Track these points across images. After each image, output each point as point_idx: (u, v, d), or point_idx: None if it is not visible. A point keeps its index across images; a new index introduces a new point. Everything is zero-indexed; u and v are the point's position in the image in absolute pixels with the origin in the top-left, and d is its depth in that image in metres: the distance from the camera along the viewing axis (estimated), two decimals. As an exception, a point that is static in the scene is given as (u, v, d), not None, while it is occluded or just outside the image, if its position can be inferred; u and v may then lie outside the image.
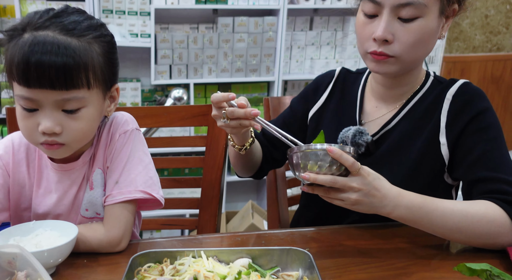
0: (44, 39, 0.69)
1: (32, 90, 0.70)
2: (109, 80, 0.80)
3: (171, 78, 2.43)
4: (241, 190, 2.83)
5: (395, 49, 0.82)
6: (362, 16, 0.86)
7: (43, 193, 0.86)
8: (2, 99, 2.27)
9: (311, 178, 0.73)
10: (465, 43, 3.03)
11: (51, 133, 0.74)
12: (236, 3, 2.41)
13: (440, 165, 0.90)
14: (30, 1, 2.19)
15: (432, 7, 0.81)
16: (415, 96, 0.93)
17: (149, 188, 0.84)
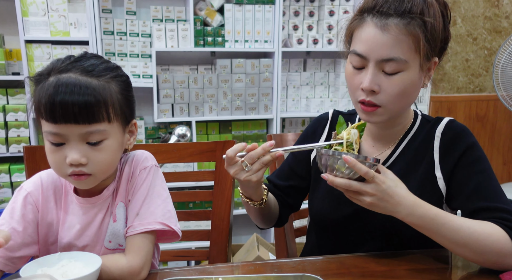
0: (67, 80, 0.76)
1: (59, 125, 0.77)
2: (127, 116, 0.87)
3: (174, 116, 2.51)
4: (245, 223, 2.84)
5: (381, 99, 0.88)
6: (350, 67, 0.91)
7: (69, 226, 0.90)
8: (9, 138, 2.32)
9: (329, 179, 0.84)
10: (450, 84, 3.20)
11: (78, 165, 0.79)
12: (233, 46, 2.53)
13: (438, 197, 0.95)
14: (35, 45, 2.28)
15: (413, 62, 0.86)
16: (407, 135, 0.99)
17: (167, 220, 0.88)
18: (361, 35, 0.88)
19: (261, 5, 2.52)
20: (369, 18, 0.87)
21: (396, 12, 0.84)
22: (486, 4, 3.13)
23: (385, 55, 0.85)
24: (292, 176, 1.11)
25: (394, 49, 0.84)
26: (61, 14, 2.30)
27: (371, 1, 0.88)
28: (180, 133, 2.06)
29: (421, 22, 0.85)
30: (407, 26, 0.84)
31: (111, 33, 2.46)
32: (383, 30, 0.84)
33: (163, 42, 2.45)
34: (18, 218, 0.86)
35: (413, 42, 0.84)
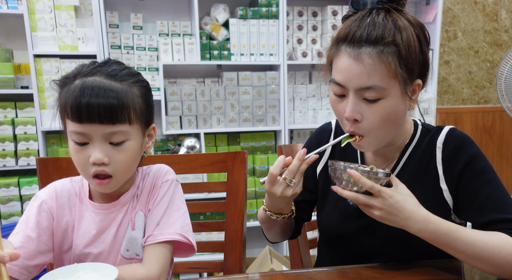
0: (92, 83, 0.80)
1: (83, 125, 0.79)
2: (147, 119, 0.89)
3: (182, 128, 2.51)
4: (257, 236, 2.81)
5: (365, 127, 0.87)
6: (333, 94, 0.91)
7: (84, 233, 0.90)
8: (18, 151, 2.33)
9: (337, 191, 0.85)
10: (454, 96, 3.22)
11: (100, 164, 0.82)
12: (239, 59, 2.56)
13: (445, 210, 0.94)
14: (44, 59, 2.30)
15: (392, 89, 0.85)
16: (408, 147, 0.98)
17: (186, 233, 0.89)
18: (338, 65, 0.87)
19: (265, 19, 2.56)
20: (343, 47, 0.86)
21: (367, 41, 0.83)
22: (485, 18, 3.18)
23: (363, 84, 0.84)
24: (303, 191, 1.11)
25: (371, 77, 0.83)
26: (69, 29, 2.33)
27: (344, 30, 0.87)
28: (189, 145, 2.06)
29: (395, 49, 0.83)
30: (380, 54, 0.83)
31: (118, 47, 2.49)
32: (357, 60, 0.84)
33: (169, 56, 2.48)
34: (33, 225, 0.87)
35: (387, 70, 0.83)
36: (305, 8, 2.73)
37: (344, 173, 0.84)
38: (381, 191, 0.82)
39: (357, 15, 0.87)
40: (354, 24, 0.86)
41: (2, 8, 2.27)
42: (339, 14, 2.71)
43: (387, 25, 0.84)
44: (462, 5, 3.11)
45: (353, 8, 0.90)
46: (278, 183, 0.89)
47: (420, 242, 0.88)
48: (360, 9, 0.89)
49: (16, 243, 0.84)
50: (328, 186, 1.04)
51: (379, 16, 0.85)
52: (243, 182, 1.25)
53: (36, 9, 2.27)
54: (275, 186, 0.89)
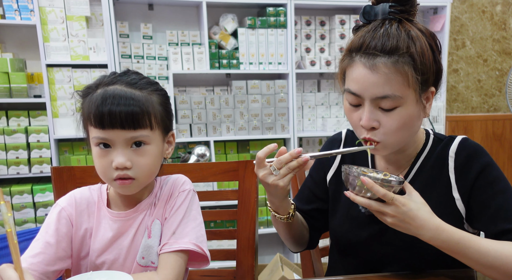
0: (114, 91, 0.83)
1: (106, 131, 0.82)
2: (166, 126, 0.91)
3: (192, 136, 2.53)
4: (268, 243, 2.82)
5: (381, 135, 0.88)
6: (347, 104, 0.91)
7: (100, 239, 0.91)
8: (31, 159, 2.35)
9: (350, 197, 0.85)
10: (464, 104, 3.22)
11: (123, 168, 0.84)
12: (248, 68, 2.58)
13: (458, 218, 0.94)
14: (56, 69, 2.34)
15: (408, 97, 0.85)
16: (420, 155, 0.98)
17: (200, 243, 0.90)
18: (353, 75, 0.87)
19: (273, 29, 2.58)
20: (357, 58, 0.87)
21: (382, 51, 0.84)
22: (494, 27, 3.18)
23: (379, 93, 0.85)
24: (313, 199, 1.11)
25: (386, 87, 0.84)
26: (81, 39, 2.37)
27: (357, 41, 0.87)
28: (200, 153, 2.08)
29: (409, 58, 0.84)
30: (395, 64, 0.83)
31: (129, 57, 2.52)
32: (372, 70, 0.84)
33: (179, 65, 2.50)
34: (52, 232, 0.88)
35: (403, 79, 0.84)
36: (312, 18, 2.75)
37: (357, 179, 0.84)
38: (394, 199, 0.82)
39: (370, 26, 0.88)
40: (368, 35, 0.86)
41: (16, 19, 2.31)
42: (347, 23, 2.73)
43: (401, 36, 0.85)
44: (470, 14, 3.12)
45: (364, 19, 0.91)
46: (264, 167, 0.88)
47: (433, 251, 0.87)
48: (371, 19, 0.90)
49: (36, 249, 0.86)
50: (339, 193, 1.05)
51: (392, 26, 0.86)
52: (254, 190, 1.25)
53: (48, 20, 2.31)
54: (260, 169, 0.89)
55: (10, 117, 2.34)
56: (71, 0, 2.33)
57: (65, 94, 2.36)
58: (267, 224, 2.67)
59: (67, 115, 2.36)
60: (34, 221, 2.34)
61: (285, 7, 2.57)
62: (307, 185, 1.14)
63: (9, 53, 2.37)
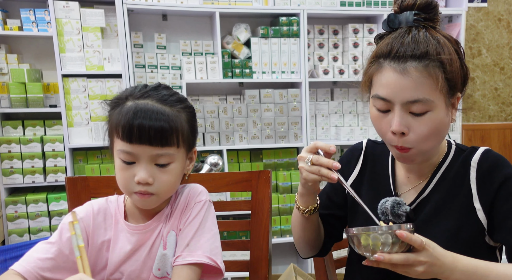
0: (145, 106, 0.83)
1: (133, 145, 0.82)
2: (191, 143, 0.92)
3: (205, 145, 2.54)
4: (281, 253, 2.79)
5: (412, 140, 0.87)
6: (375, 110, 0.90)
7: (118, 253, 0.91)
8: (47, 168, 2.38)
9: (385, 259, 0.78)
10: (481, 113, 3.16)
11: (145, 184, 0.84)
12: (261, 77, 2.58)
13: (479, 229, 0.92)
14: (72, 79, 2.37)
15: (439, 100, 0.85)
16: (442, 165, 0.97)
17: (215, 256, 0.89)
18: (382, 80, 0.87)
19: (286, 38, 2.58)
20: (386, 63, 0.87)
21: (413, 56, 0.84)
22: (510, 35, 3.13)
23: (410, 98, 0.84)
24: (330, 205, 1.10)
25: (418, 91, 0.84)
26: (96, 49, 2.40)
27: (385, 47, 0.88)
28: (213, 162, 2.07)
29: (439, 63, 0.85)
30: (426, 68, 0.84)
31: (143, 67, 2.54)
32: (403, 74, 0.84)
33: (192, 74, 2.52)
34: (66, 240, 0.88)
35: (434, 82, 0.84)
36: (325, 26, 2.75)
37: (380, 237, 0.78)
38: (426, 244, 0.79)
39: (397, 33, 0.88)
40: (395, 41, 0.87)
41: (33, 31, 2.36)
42: (360, 32, 2.72)
43: (430, 41, 0.85)
44: (486, 22, 3.09)
45: (388, 27, 0.91)
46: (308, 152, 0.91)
47: None
48: (395, 28, 0.90)
49: (49, 253, 0.86)
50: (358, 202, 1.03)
51: (419, 32, 0.86)
52: (267, 201, 1.24)
53: (64, 31, 2.35)
54: (306, 151, 0.91)
55: (26, 127, 2.38)
56: (87, 11, 2.37)
57: (80, 103, 2.38)
58: (281, 233, 2.64)
59: (82, 125, 2.39)
60: (49, 229, 2.35)
61: (298, 16, 2.57)
62: (325, 191, 1.12)
63: (26, 64, 2.42)
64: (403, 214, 0.93)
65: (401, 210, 0.92)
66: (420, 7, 0.88)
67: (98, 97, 2.41)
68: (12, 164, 2.31)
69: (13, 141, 2.31)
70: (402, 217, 0.93)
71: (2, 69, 2.36)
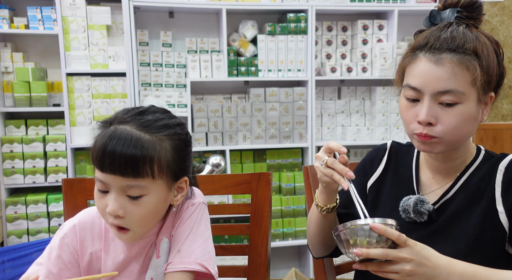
0: (121, 132, 0.79)
1: (105, 174, 0.79)
2: (176, 173, 0.86)
3: (208, 145, 2.51)
4: (283, 257, 2.76)
5: (438, 131, 0.86)
6: (404, 100, 0.91)
7: (112, 263, 0.89)
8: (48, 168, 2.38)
9: (363, 253, 0.77)
10: (493, 112, 3.07)
11: (116, 216, 0.80)
12: (266, 75, 2.54)
13: (501, 233, 0.89)
14: (76, 77, 2.36)
15: (470, 94, 0.85)
16: (468, 168, 0.95)
17: (206, 262, 0.87)
18: (414, 70, 0.88)
19: (293, 35, 2.53)
20: (421, 54, 0.88)
21: (449, 48, 0.85)
22: (527, 29, 3.03)
23: (441, 88, 0.84)
24: (350, 204, 1.07)
25: (450, 81, 0.84)
26: (101, 48, 2.39)
27: (423, 39, 0.89)
28: (214, 163, 2.04)
29: (475, 57, 0.85)
30: (461, 60, 0.84)
31: (148, 65, 2.52)
32: (438, 64, 0.85)
33: (197, 73, 2.49)
34: (54, 259, 0.87)
35: (468, 75, 0.84)
36: (334, 23, 2.69)
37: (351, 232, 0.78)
38: (407, 239, 0.78)
39: (436, 27, 0.90)
40: (433, 33, 0.88)
41: (39, 29, 2.36)
42: (370, 28, 2.65)
43: (468, 36, 0.86)
44: (501, 17, 2.99)
45: (429, 22, 0.93)
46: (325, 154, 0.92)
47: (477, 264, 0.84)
48: (436, 24, 0.92)
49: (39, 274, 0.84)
50: (377, 202, 1.04)
51: (459, 27, 0.88)
52: (267, 204, 1.22)
53: (70, 29, 2.34)
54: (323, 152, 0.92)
55: (29, 126, 2.38)
56: (93, 9, 2.36)
57: (83, 103, 2.38)
58: (283, 236, 2.61)
59: (85, 124, 2.38)
60: (48, 231, 2.35)
61: (306, 13, 2.52)
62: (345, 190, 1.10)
63: (31, 62, 2.42)
64: (426, 212, 0.93)
65: (424, 208, 0.93)
66: (463, 5, 0.89)
67: (101, 97, 2.40)
68: (13, 164, 2.31)
69: (15, 140, 2.32)
70: (424, 215, 0.93)
71: (7, 68, 2.37)
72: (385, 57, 2.59)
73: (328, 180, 0.90)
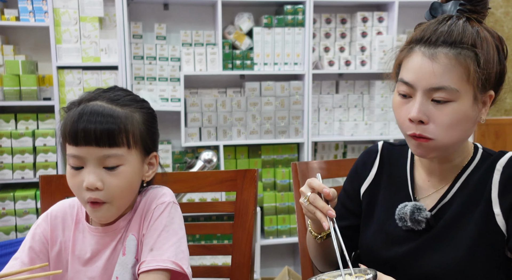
0: (92, 107, 0.80)
1: (79, 148, 0.79)
2: (148, 146, 0.88)
3: (201, 140, 2.47)
4: (276, 255, 2.73)
5: (431, 130, 0.83)
6: (397, 96, 0.87)
7: (79, 254, 0.89)
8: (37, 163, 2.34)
9: None
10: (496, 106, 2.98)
11: (94, 189, 0.80)
12: (262, 69, 2.48)
13: (500, 237, 0.85)
14: (67, 71, 2.32)
15: (465, 93, 0.81)
16: (466, 169, 0.91)
17: (180, 261, 0.85)
18: (409, 64, 0.85)
19: (290, 27, 2.47)
20: (417, 48, 0.84)
21: (445, 42, 0.82)
22: (533, 21, 2.94)
23: (434, 84, 0.81)
24: (347, 214, 1.05)
25: (444, 77, 0.80)
26: (93, 40, 2.34)
27: (420, 32, 0.86)
28: (206, 159, 1.99)
29: (473, 53, 0.81)
30: (457, 56, 0.81)
31: (141, 58, 2.48)
32: (432, 59, 0.81)
33: (191, 66, 2.44)
34: (26, 250, 0.88)
35: (463, 72, 0.80)
36: (333, 15, 2.62)
37: None
38: None
39: (435, 19, 0.86)
40: (431, 26, 0.84)
41: (30, 21, 2.31)
42: (370, 20, 2.59)
43: (467, 30, 0.82)
44: (506, 9, 2.91)
45: (430, 15, 0.89)
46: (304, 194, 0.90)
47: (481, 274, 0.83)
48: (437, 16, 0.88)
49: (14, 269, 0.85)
50: (373, 206, 1.00)
51: (459, 21, 0.84)
52: (252, 202, 1.18)
53: (62, 21, 2.30)
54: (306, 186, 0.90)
55: (19, 120, 2.34)
56: (85, 0, 2.31)
57: (74, 96, 2.33)
58: (277, 234, 2.57)
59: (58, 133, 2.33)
60: (36, 227, 2.30)
61: (303, 4, 2.46)
62: (340, 200, 1.07)
63: (22, 55, 2.38)
64: (423, 220, 0.89)
65: (421, 216, 0.89)
66: None
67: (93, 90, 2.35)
68: (2, 159, 2.27)
69: (4, 135, 2.28)
70: (422, 223, 0.89)
71: (-3, 61, 2.33)
72: (384, 50, 2.52)
73: (311, 216, 0.88)
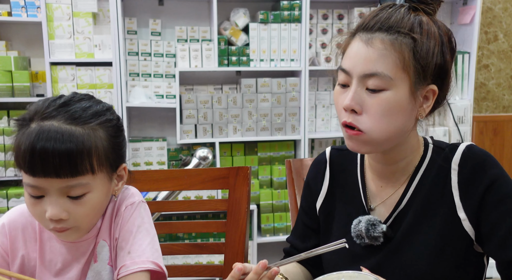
0: (49, 129, 0.70)
1: (38, 179, 0.70)
2: (115, 162, 0.81)
3: (197, 137, 2.44)
4: (273, 252, 2.69)
5: (363, 121, 0.79)
6: (337, 86, 0.85)
7: (48, 266, 0.83)
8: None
9: None
10: (494, 103, 2.98)
11: (58, 220, 0.73)
12: (258, 65, 2.46)
13: (466, 241, 0.81)
14: (60, 67, 2.29)
15: (400, 81, 0.78)
16: (418, 170, 0.85)
17: (157, 260, 0.82)
18: (348, 52, 0.83)
19: (287, 23, 2.44)
20: (357, 34, 0.82)
21: (382, 27, 0.79)
22: (531, 17, 2.92)
23: (367, 70, 0.78)
24: (308, 233, 1.00)
25: (378, 63, 0.77)
26: (87, 36, 2.32)
27: (362, 19, 0.84)
28: (201, 156, 1.95)
29: (410, 40, 0.78)
30: (393, 41, 0.78)
31: (136, 54, 2.45)
32: (367, 44, 0.79)
33: (187, 62, 2.41)
34: None
35: (399, 58, 0.77)
36: (330, 11, 2.59)
37: None
38: None
39: (380, 6, 0.84)
40: (373, 13, 0.82)
41: (22, 16, 2.28)
42: (366, 16, 2.56)
43: (406, 16, 0.80)
44: (504, 5, 2.88)
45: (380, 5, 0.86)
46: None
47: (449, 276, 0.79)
48: None
49: None
50: (329, 223, 0.94)
51: (402, 8, 0.81)
52: (245, 200, 1.15)
53: (54, 16, 2.27)
54: None
55: (12, 117, 2.31)
56: (79, -4, 2.27)
57: (68, 93, 2.29)
58: (274, 231, 2.55)
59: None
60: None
61: (300, 0, 2.43)
62: (300, 218, 1.03)
63: (14, 51, 2.34)
64: (380, 235, 0.84)
65: (377, 232, 0.84)
66: None
67: (87, 87, 2.33)
68: (-7, 156, 2.24)
69: (-4, 132, 2.24)
70: (379, 238, 0.84)
71: (-11, 57, 2.29)
72: (382, 46, 2.50)
73: None
